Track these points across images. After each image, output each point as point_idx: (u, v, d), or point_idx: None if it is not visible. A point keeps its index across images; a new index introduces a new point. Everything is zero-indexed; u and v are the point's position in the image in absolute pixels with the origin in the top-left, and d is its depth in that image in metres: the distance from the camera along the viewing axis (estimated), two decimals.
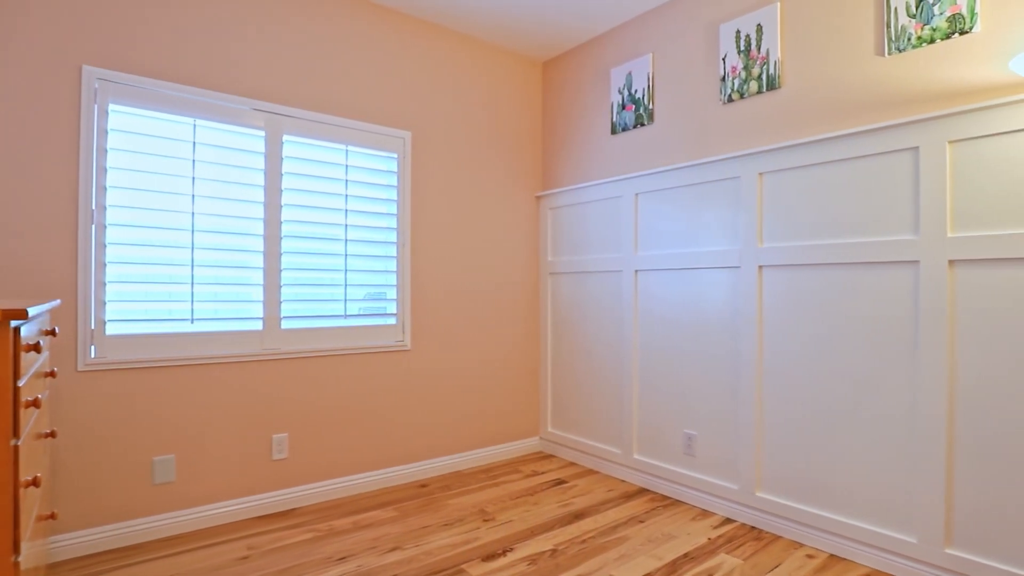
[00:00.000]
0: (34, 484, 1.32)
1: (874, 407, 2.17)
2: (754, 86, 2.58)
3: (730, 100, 2.68)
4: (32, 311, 1.22)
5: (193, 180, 2.47)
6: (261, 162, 2.66)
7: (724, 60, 2.70)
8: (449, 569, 2.13)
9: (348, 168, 2.92)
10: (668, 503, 2.80)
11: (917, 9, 2.08)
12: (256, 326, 2.64)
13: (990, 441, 1.89)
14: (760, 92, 2.56)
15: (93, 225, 2.26)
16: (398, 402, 3.10)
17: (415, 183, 3.18)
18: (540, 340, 3.72)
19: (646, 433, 3.04)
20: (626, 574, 2.10)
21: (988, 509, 1.89)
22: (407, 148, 3.13)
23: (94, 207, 2.26)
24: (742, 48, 2.62)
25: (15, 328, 1.22)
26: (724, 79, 2.70)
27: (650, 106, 3.05)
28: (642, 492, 2.95)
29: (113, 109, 2.31)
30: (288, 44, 2.74)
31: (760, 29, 2.55)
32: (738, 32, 2.63)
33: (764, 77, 2.54)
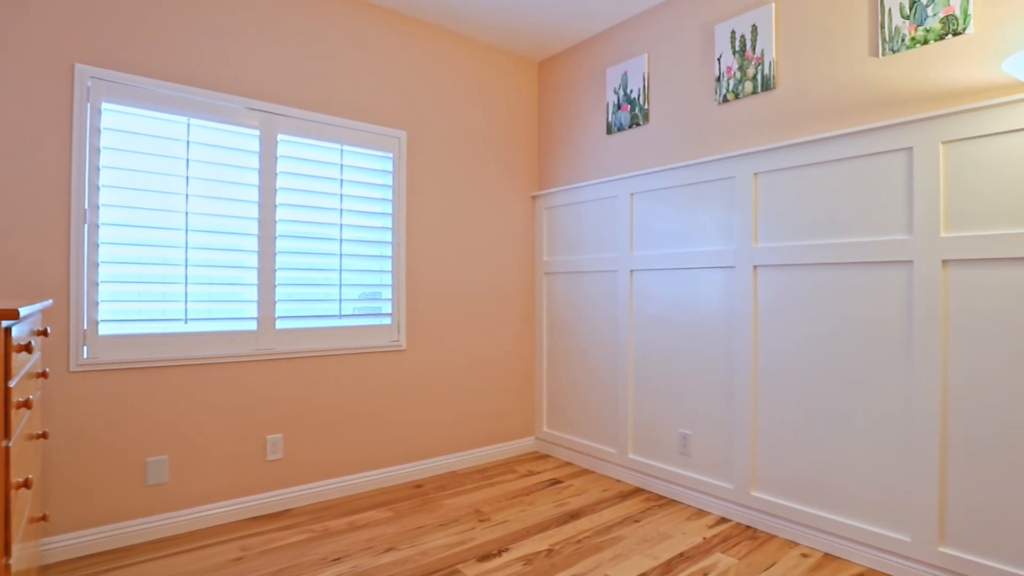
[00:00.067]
0: (25, 486, 1.31)
1: (868, 407, 2.18)
2: (749, 86, 2.59)
3: (725, 100, 2.69)
4: (23, 311, 1.21)
5: (187, 179, 2.45)
6: (256, 161, 2.65)
7: (719, 60, 2.70)
8: (444, 569, 2.13)
9: (343, 168, 2.91)
10: (663, 503, 2.81)
11: (911, 10, 2.09)
12: (250, 326, 2.63)
13: (983, 441, 1.90)
14: (755, 92, 2.57)
15: (86, 224, 2.24)
16: (393, 402, 3.09)
17: (410, 183, 3.17)
18: (535, 340, 3.72)
19: (641, 433, 3.04)
20: (621, 574, 2.10)
21: (981, 508, 1.90)
22: (402, 148, 3.12)
23: (87, 206, 2.24)
24: (737, 48, 2.63)
25: (6, 328, 1.21)
26: (719, 79, 2.71)
27: (645, 106, 3.06)
28: (637, 492, 2.96)
29: (106, 108, 2.29)
30: (283, 43, 2.73)
31: (755, 29, 2.55)
32: (733, 32, 2.64)
33: (759, 77, 2.55)
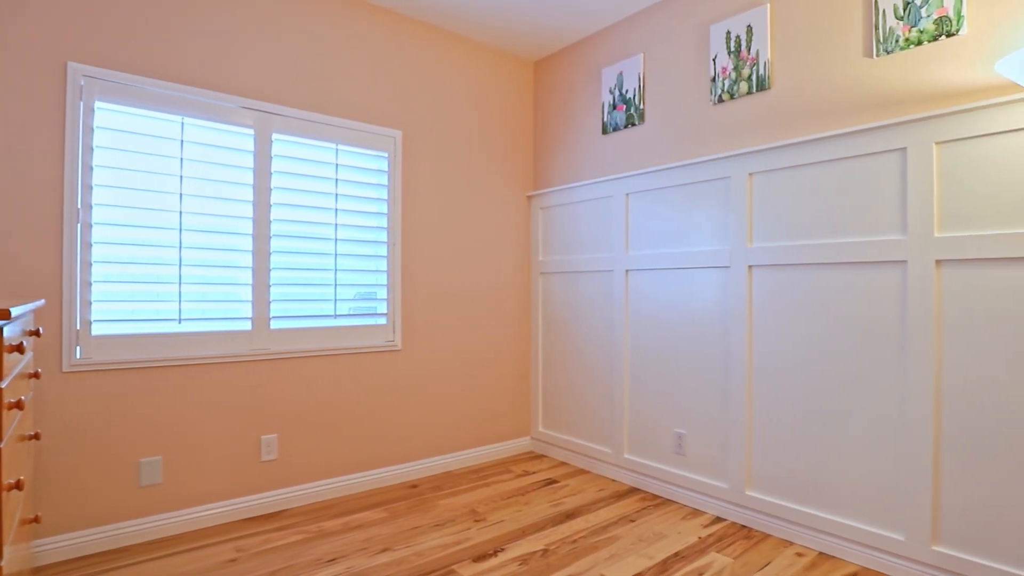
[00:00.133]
0: (17, 487, 1.30)
1: (863, 406, 2.19)
2: (744, 87, 2.59)
3: (720, 100, 2.69)
4: (15, 311, 1.20)
5: (181, 179, 2.44)
6: (250, 161, 2.64)
7: (714, 61, 2.71)
8: (440, 570, 2.12)
9: (338, 167, 2.90)
10: (659, 502, 2.81)
11: (905, 11, 2.10)
12: (245, 326, 2.62)
13: (976, 440, 1.91)
14: (750, 93, 2.57)
15: (78, 224, 2.22)
16: (388, 402, 3.09)
17: (406, 182, 3.16)
18: (531, 340, 3.72)
19: (637, 433, 3.05)
20: (617, 573, 2.10)
21: (974, 507, 1.91)
22: (398, 147, 3.11)
23: (79, 206, 2.23)
24: (732, 49, 2.63)
25: None
26: (714, 79, 2.71)
27: (641, 106, 3.06)
28: (633, 491, 2.96)
29: (99, 106, 2.28)
30: (278, 42, 2.72)
31: (750, 30, 2.56)
32: (728, 33, 2.64)
33: (754, 78, 2.55)
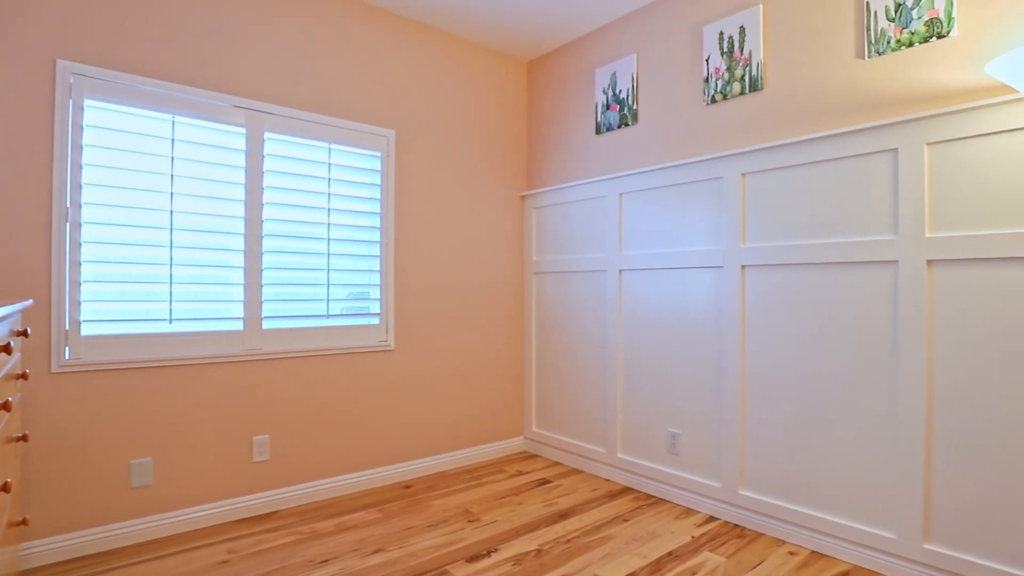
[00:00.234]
0: (3, 489, 1.29)
1: (855, 406, 2.20)
2: (737, 87, 2.60)
3: (713, 101, 2.70)
4: (2, 311, 1.18)
5: (172, 178, 2.42)
6: (242, 160, 2.62)
7: (707, 61, 2.71)
8: (433, 570, 2.11)
9: (331, 167, 2.89)
10: (652, 502, 2.81)
11: (896, 13, 2.11)
12: (237, 326, 2.60)
13: (967, 439, 1.92)
14: (743, 93, 2.58)
15: (68, 223, 2.20)
16: (381, 402, 3.07)
17: (399, 182, 3.15)
18: (524, 340, 3.72)
19: (630, 432, 3.05)
20: (611, 573, 2.10)
21: (965, 506, 1.93)
22: (391, 147, 3.10)
23: (68, 205, 2.20)
24: (725, 49, 2.64)
25: None
26: (708, 80, 2.72)
27: (634, 106, 3.06)
28: (626, 491, 2.96)
29: (89, 105, 2.26)
30: (270, 40, 2.71)
31: (743, 31, 2.57)
32: (721, 33, 2.65)
33: (747, 78, 2.56)
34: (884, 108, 2.16)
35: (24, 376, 1.68)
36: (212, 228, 2.54)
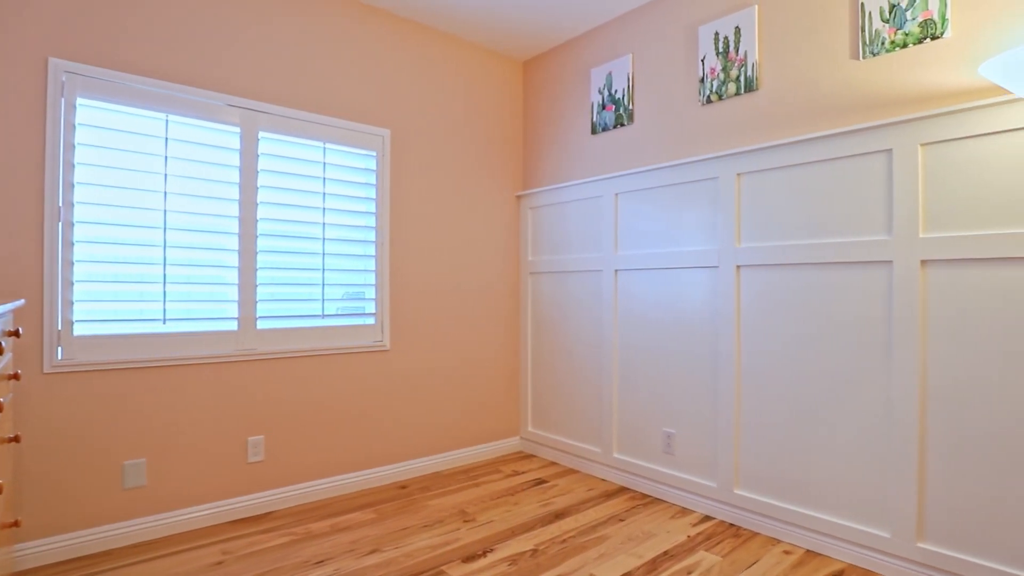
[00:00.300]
0: None
1: (850, 405, 2.21)
2: (732, 88, 2.60)
3: (709, 101, 2.70)
4: None
5: (165, 177, 2.41)
6: (236, 159, 2.61)
7: (703, 61, 2.72)
8: (429, 571, 2.11)
9: (326, 166, 2.88)
10: (648, 501, 2.82)
11: (890, 14, 2.12)
12: (231, 326, 2.59)
13: (961, 438, 1.93)
14: (738, 94, 2.59)
15: (60, 223, 2.19)
16: (377, 403, 3.07)
17: (394, 182, 3.14)
18: (520, 340, 3.71)
19: (626, 432, 3.06)
20: (606, 573, 2.10)
21: (958, 505, 1.94)
22: (386, 146, 3.10)
23: (61, 204, 2.19)
24: (720, 50, 2.65)
25: None
26: (703, 80, 2.72)
27: (630, 106, 3.07)
28: (622, 491, 2.96)
29: (81, 103, 2.24)
30: (265, 39, 2.69)
31: (738, 31, 2.57)
32: (716, 34, 2.66)
33: (742, 79, 2.57)
34: (878, 109, 2.17)
35: (16, 377, 1.67)
36: (206, 228, 2.52)
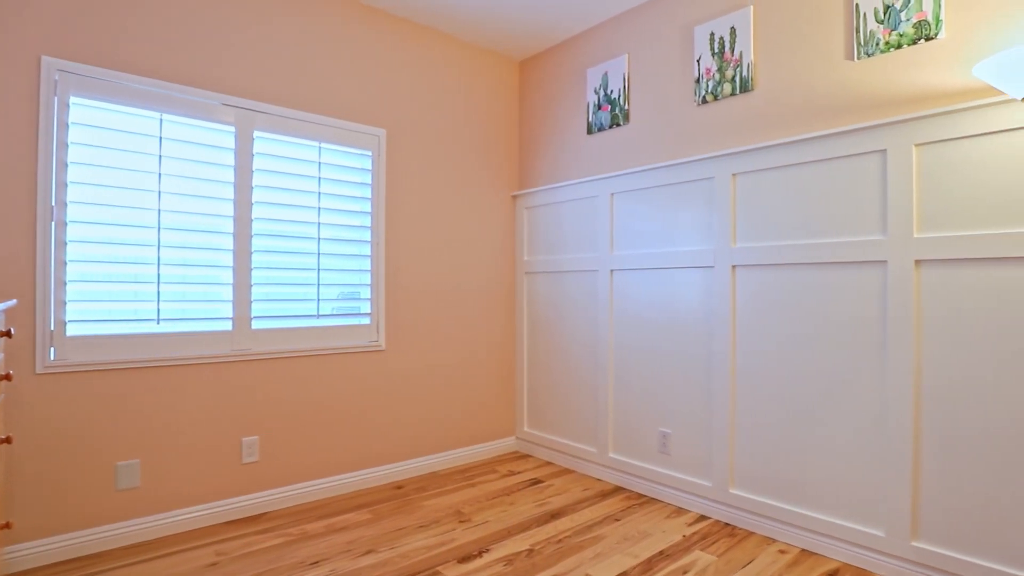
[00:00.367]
0: None
1: (845, 405, 2.22)
2: (728, 88, 2.61)
3: (704, 101, 2.71)
4: None
5: (159, 176, 2.40)
6: (231, 158, 2.59)
7: (698, 62, 2.72)
8: (425, 571, 2.11)
9: (321, 166, 2.87)
10: (643, 501, 2.82)
11: (885, 15, 2.13)
12: (225, 326, 2.58)
13: (955, 438, 1.94)
14: (734, 94, 2.59)
15: (53, 222, 2.17)
16: (372, 403, 3.06)
17: (390, 182, 3.14)
18: (516, 340, 3.71)
19: (621, 432, 3.06)
20: (602, 572, 2.10)
21: (952, 504, 1.94)
22: (382, 146, 3.09)
23: (54, 203, 2.17)
24: (716, 50, 2.65)
25: None
26: (699, 80, 2.73)
27: (626, 106, 3.07)
28: (618, 491, 2.97)
29: (74, 102, 2.22)
30: (261, 38, 2.68)
31: (734, 32, 2.58)
32: (712, 34, 2.66)
33: (737, 79, 2.57)
34: (873, 109, 2.17)
35: (8, 377, 1.66)
36: (200, 227, 2.51)
